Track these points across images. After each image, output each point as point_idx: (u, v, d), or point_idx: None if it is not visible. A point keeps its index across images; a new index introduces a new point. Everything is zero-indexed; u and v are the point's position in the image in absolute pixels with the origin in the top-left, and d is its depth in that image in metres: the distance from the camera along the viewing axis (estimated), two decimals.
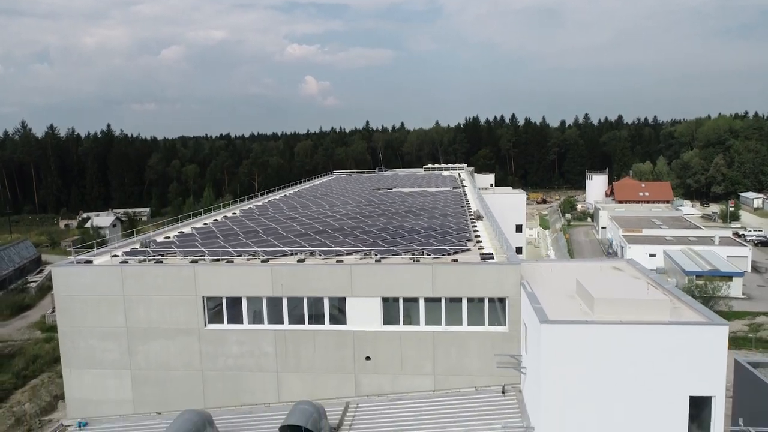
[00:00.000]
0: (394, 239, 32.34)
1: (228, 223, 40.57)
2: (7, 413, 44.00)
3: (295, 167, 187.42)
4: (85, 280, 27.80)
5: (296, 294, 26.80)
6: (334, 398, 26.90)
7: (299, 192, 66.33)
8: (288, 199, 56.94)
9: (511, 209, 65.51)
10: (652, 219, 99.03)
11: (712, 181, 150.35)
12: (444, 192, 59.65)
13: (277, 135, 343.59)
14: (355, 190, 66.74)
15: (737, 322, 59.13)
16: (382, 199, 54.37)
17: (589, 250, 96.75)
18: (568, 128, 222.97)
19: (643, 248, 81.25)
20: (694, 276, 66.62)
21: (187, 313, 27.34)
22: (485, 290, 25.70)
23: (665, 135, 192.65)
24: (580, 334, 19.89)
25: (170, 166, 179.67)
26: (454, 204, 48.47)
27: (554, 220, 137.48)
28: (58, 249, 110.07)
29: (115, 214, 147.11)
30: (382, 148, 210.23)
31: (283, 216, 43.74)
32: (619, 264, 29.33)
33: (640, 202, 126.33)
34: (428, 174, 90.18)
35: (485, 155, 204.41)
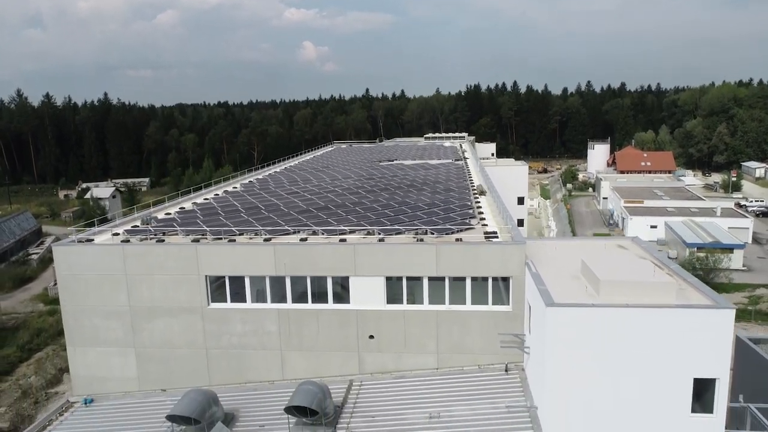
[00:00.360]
0: (397, 216, 32.08)
1: (229, 199, 40.26)
2: (13, 386, 44.49)
3: (294, 136, 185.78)
4: (87, 259, 27.65)
5: (299, 273, 26.69)
6: (337, 376, 27.08)
7: (300, 164, 65.75)
8: (289, 172, 56.45)
9: (513, 181, 64.98)
10: (654, 190, 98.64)
11: (714, 150, 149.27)
12: (446, 165, 59.12)
13: (276, 102, 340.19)
14: (356, 162, 66.13)
15: (737, 295, 59.41)
16: (383, 172, 53.89)
17: (590, 221, 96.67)
18: (570, 96, 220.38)
19: (644, 219, 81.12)
20: (695, 248, 66.62)
21: (189, 292, 27.28)
22: (489, 270, 25.57)
23: (668, 103, 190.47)
24: (585, 317, 19.82)
25: (168, 135, 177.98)
26: (457, 178, 48.05)
27: (555, 190, 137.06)
28: (58, 220, 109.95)
29: (114, 184, 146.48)
30: (383, 117, 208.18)
31: (284, 191, 43.38)
32: (624, 242, 29.15)
33: (642, 172, 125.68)
34: (429, 144, 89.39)
35: (486, 124, 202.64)
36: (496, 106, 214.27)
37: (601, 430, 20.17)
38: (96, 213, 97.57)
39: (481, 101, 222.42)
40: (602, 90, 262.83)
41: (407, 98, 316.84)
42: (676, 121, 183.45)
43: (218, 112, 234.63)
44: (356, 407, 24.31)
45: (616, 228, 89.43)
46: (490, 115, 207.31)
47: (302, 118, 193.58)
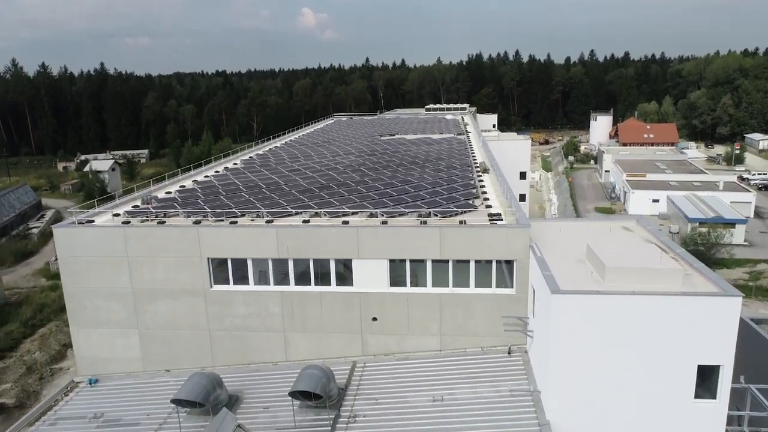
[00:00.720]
0: (400, 197, 31.77)
1: (229, 176, 39.87)
2: (18, 362, 44.86)
3: (294, 107, 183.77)
4: (88, 241, 27.45)
5: (302, 256, 26.52)
6: (340, 357, 27.18)
7: (300, 138, 65.06)
8: (289, 147, 55.89)
9: (515, 156, 64.48)
10: (656, 163, 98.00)
11: (718, 121, 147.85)
12: (448, 139, 58.51)
13: (275, 72, 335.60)
14: (357, 136, 65.45)
15: (738, 270, 59.52)
16: (385, 147, 53.33)
17: (592, 195, 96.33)
18: (573, 65, 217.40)
19: (646, 194, 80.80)
20: (697, 223, 66.47)
21: (192, 274, 27.17)
22: (493, 253, 25.39)
23: (673, 73, 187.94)
24: (591, 305, 19.71)
25: (167, 106, 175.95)
26: (460, 154, 47.54)
27: (557, 162, 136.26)
28: (58, 193, 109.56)
29: (113, 156, 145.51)
30: (383, 87, 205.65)
31: (285, 168, 42.94)
32: (629, 224, 28.91)
33: (645, 145, 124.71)
34: (431, 117, 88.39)
35: (488, 94, 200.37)
36: (498, 76, 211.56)
37: (603, 415, 20.29)
38: (95, 186, 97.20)
39: (482, 71, 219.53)
40: (606, 59, 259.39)
41: (408, 67, 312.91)
42: (680, 91, 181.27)
43: (217, 81, 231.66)
44: (359, 389, 24.44)
45: (618, 202, 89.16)
46: (491, 85, 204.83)
47: (302, 88, 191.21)
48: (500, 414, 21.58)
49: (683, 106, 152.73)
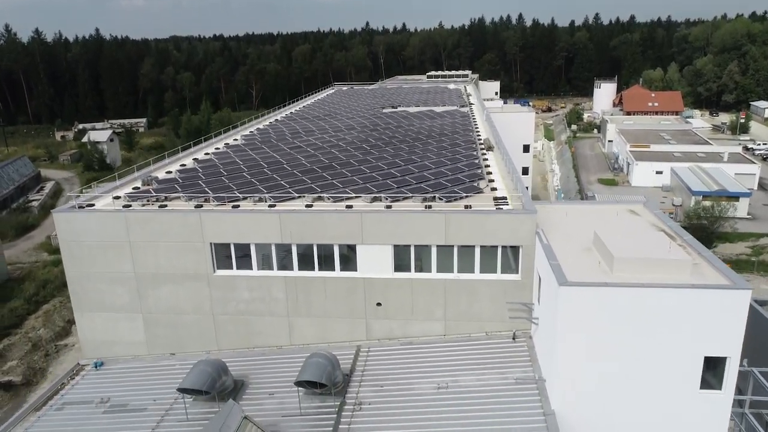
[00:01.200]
0: (404, 178, 31.34)
1: (230, 154, 39.33)
2: (23, 339, 45.16)
3: (293, 74, 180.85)
4: (89, 225, 27.17)
5: (306, 241, 26.27)
6: (345, 342, 27.23)
7: (301, 110, 64.10)
8: (290, 121, 55.07)
9: (519, 128, 63.69)
10: (661, 133, 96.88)
11: (724, 89, 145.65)
12: (451, 112, 57.61)
13: (273, 36, 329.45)
14: (358, 108, 64.47)
15: (740, 245, 59.41)
16: (387, 121, 52.52)
17: (595, 165, 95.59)
18: (577, 30, 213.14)
19: (650, 165, 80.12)
20: (700, 196, 66.06)
21: (195, 259, 26.97)
22: (499, 239, 25.12)
23: (679, 39, 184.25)
24: (599, 297, 19.53)
25: (164, 74, 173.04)
26: (463, 130, 46.81)
27: (559, 131, 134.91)
28: (57, 163, 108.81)
29: (111, 125, 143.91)
30: (383, 53, 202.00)
31: (286, 144, 42.34)
32: (636, 207, 28.56)
33: (649, 113, 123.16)
34: (432, 87, 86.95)
35: (490, 60, 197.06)
36: (501, 41, 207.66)
37: (609, 405, 20.36)
38: (94, 157, 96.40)
39: (485, 36, 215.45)
40: (611, 23, 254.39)
41: (409, 31, 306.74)
42: (686, 57, 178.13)
43: (214, 47, 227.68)
44: (364, 375, 24.52)
45: (621, 173, 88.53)
46: (494, 50, 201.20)
47: (301, 54, 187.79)
48: (505, 402, 21.67)
49: (689, 73, 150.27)
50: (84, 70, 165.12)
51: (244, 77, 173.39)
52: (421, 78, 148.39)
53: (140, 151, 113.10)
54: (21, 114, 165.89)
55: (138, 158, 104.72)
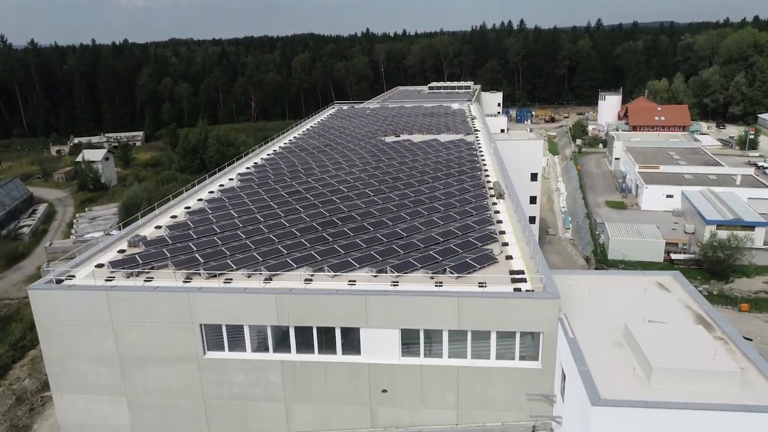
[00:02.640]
0: (411, 239, 29.05)
1: (224, 201, 37.04)
2: (7, 391, 42.81)
3: (293, 84, 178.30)
4: (68, 304, 24.86)
5: (304, 323, 23.98)
6: (348, 429, 24.93)
7: (301, 137, 61.84)
8: (289, 154, 52.81)
9: (526, 156, 61.46)
10: (670, 152, 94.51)
11: (730, 100, 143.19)
12: (456, 143, 55.37)
13: (273, 40, 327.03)
14: (360, 134, 62.25)
15: (758, 279, 57.09)
16: (390, 156, 50.25)
17: (602, 185, 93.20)
18: (580, 37, 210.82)
19: (660, 189, 77.74)
20: (714, 225, 63.73)
21: (183, 339, 24.68)
22: (517, 324, 22.82)
23: (683, 47, 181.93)
24: (637, 418, 17.21)
25: (162, 84, 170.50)
26: (471, 168, 44.51)
27: (564, 144, 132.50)
28: (51, 182, 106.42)
29: (108, 138, 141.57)
30: (384, 62, 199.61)
31: (284, 187, 40.02)
32: (665, 280, 26.22)
33: (656, 127, 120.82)
34: (436, 107, 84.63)
35: (492, 69, 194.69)
36: (503, 49, 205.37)
37: None
38: (89, 177, 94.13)
39: (486, 43, 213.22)
40: (613, 29, 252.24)
41: (410, 36, 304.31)
42: (691, 66, 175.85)
43: (213, 51, 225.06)
44: None
45: (630, 194, 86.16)
46: (496, 59, 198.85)
47: (300, 63, 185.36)
48: None
49: (694, 84, 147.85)
50: (80, 81, 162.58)
51: (243, 88, 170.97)
52: (423, 89, 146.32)
53: (136, 169, 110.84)
54: (16, 126, 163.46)
55: (133, 176, 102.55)
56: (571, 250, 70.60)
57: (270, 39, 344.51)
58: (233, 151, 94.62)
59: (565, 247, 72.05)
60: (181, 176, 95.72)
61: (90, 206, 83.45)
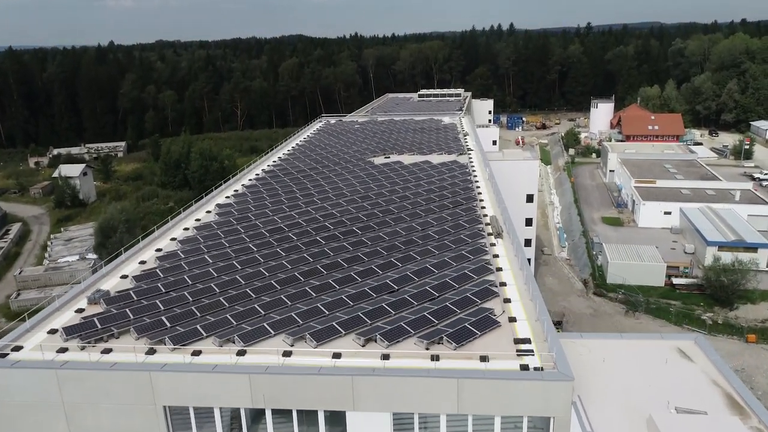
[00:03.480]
0: (402, 293, 26.23)
1: (199, 242, 34.02)
2: None
3: (280, 91, 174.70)
4: (13, 382, 21.77)
5: (283, 406, 21.08)
6: None
7: (287, 157, 58.87)
8: (272, 179, 49.87)
9: (521, 177, 59.04)
10: (665, 164, 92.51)
11: (723, 108, 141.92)
12: (449, 165, 52.73)
13: (260, 42, 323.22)
14: (348, 153, 59.46)
15: (762, 306, 54.99)
16: (379, 181, 47.49)
17: (597, 199, 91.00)
18: (570, 42, 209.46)
19: (658, 205, 75.60)
20: (716, 247, 61.57)
21: (145, 423, 21.67)
22: (525, 409, 20.07)
23: (674, 52, 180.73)
24: None
25: (145, 92, 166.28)
26: (466, 198, 41.83)
27: (556, 153, 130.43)
28: (28, 197, 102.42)
29: (88, 149, 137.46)
30: (373, 67, 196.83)
31: (265, 223, 37.07)
32: (686, 346, 23.57)
33: (649, 137, 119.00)
34: (426, 120, 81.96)
35: (482, 74, 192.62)
36: (493, 54, 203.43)
37: None
38: (66, 193, 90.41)
39: (477, 48, 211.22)
40: (603, 32, 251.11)
41: (399, 39, 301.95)
42: (682, 71, 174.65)
43: (200, 56, 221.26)
44: None
45: (626, 209, 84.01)
46: (486, 64, 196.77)
47: (288, 69, 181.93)
48: None
49: (687, 91, 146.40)
50: (61, 88, 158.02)
51: (229, 96, 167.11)
52: (413, 96, 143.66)
53: (117, 183, 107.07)
54: None
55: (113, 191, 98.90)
56: (567, 272, 68.17)
57: (258, 41, 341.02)
58: (216, 166, 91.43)
59: (561, 268, 69.62)
60: (162, 192, 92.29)
61: (66, 226, 79.85)
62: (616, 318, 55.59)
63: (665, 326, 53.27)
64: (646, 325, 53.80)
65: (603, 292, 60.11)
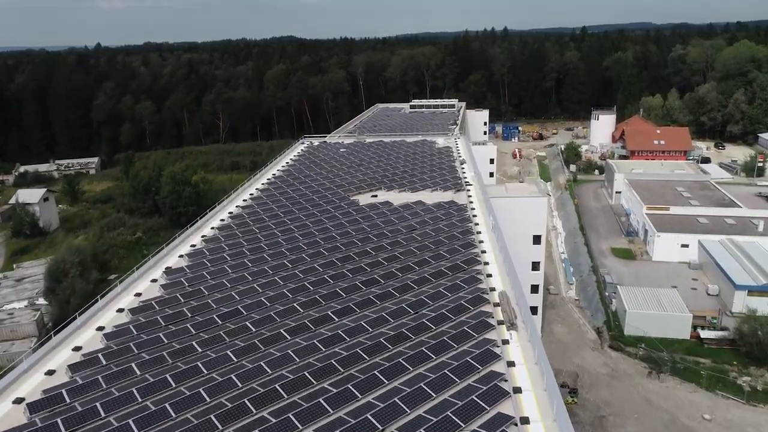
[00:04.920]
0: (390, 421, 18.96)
1: (176, 298, 26.72)
2: None
3: (264, 101, 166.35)
4: None
5: None
6: None
7: (259, 195, 51.43)
8: (238, 227, 42.51)
9: (528, 215, 51.95)
10: (677, 187, 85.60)
11: (729, 119, 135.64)
12: (445, 207, 45.80)
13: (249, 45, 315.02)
14: (330, 190, 52.23)
15: None
16: (364, 233, 40.29)
17: (604, 225, 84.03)
18: (567, 48, 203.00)
19: (674, 237, 68.75)
20: (745, 291, 54.78)
21: None
22: None
23: (674, 59, 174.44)
24: None
25: (121, 103, 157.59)
26: (466, 261, 34.64)
27: (556, 168, 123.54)
28: None
29: (58, 166, 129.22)
30: (363, 74, 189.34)
31: (219, 303, 29.69)
32: None
33: (655, 152, 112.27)
34: (419, 142, 74.77)
35: (476, 81, 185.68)
36: (487, 60, 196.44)
37: None
38: (25, 221, 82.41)
39: (470, 54, 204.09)
40: (599, 36, 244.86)
41: (390, 41, 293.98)
42: (683, 78, 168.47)
43: (184, 61, 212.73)
44: None
45: (636, 238, 77.14)
46: (480, 70, 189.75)
47: (274, 77, 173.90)
48: None
49: (691, 101, 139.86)
50: (31, 100, 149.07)
51: (210, 107, 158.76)
52: (404, 107, 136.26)
53: (85, 206, 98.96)
54: None
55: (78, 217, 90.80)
56: (578, 317, 61.07)
57: (247, 44, 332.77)
58: (189, 191, 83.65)
59: (570, 312, 62.52)
60: (130, 221, 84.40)
61: (20, 261, 71.92)
62: (637, 380, 48.58)
63: (695, 392, 46.33)
64: (673, 389, 46.81)
65: (620, 346, 53.10)
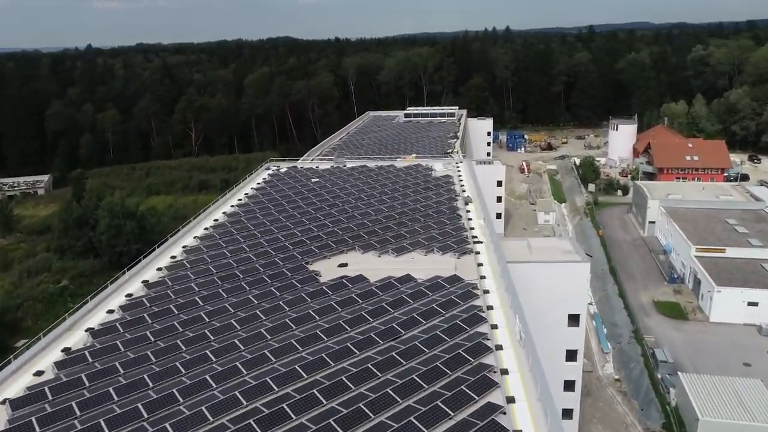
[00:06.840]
0: None
1: None
2: None
3: (242, 110, 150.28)
4: None
5: None
6: None
7: (197, 246, 36.00)
8: (154, 304, 27.10)
9: (563, 288, 36.79)
10: (726, 219, 70.20)
11: (765, 128, 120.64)
12: (445, 287, 30.59)
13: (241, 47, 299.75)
14: (286, 251, 37.05)
15: None
16: (318, 343, 24.77)
17: (640, 266, 68.79)
18: (575, 49, 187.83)
19: (739, 293, 53.57)
20: None
21: None
22: None
23: (695, 60, 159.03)
24: None
25: (81, 112, 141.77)
26: (481, 415, 19.28)
27: (570, 185, 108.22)
28: None
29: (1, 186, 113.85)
30: (354, 78, 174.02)
31: None
32: None
33: (688, 170, 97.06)
34: (413, 171, 59.54)
35: (477, 85, 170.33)
36: (489, 62, 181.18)
37: None
38: None
39: (470, 56, 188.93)
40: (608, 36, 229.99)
41: (385, 42, 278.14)
42: (705, 81, 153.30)
43: (157, 64, 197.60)
44: None
45: (683, 286, 61.99)
46: (482, 73, 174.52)
47: (254, 82, 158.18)
48: None
49: (719, 108, 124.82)
50: None
51: (181, 116, 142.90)
52: (398, 116, 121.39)
53: (18, 237, 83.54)
54: None
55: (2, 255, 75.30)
56: (623, 412, 45.56)
57: (239, 45, 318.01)
58: (131, 226, 68.28)
59: (611, 402, 47.05)
60: (57, 264, 69.12)
61: None
62: None
63: None
64: None
65: None
